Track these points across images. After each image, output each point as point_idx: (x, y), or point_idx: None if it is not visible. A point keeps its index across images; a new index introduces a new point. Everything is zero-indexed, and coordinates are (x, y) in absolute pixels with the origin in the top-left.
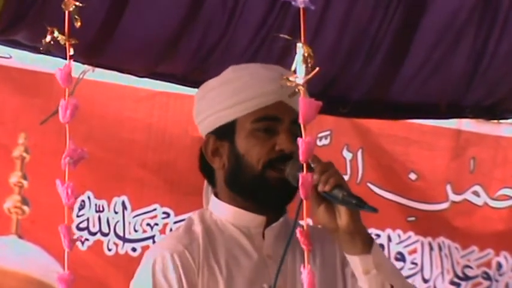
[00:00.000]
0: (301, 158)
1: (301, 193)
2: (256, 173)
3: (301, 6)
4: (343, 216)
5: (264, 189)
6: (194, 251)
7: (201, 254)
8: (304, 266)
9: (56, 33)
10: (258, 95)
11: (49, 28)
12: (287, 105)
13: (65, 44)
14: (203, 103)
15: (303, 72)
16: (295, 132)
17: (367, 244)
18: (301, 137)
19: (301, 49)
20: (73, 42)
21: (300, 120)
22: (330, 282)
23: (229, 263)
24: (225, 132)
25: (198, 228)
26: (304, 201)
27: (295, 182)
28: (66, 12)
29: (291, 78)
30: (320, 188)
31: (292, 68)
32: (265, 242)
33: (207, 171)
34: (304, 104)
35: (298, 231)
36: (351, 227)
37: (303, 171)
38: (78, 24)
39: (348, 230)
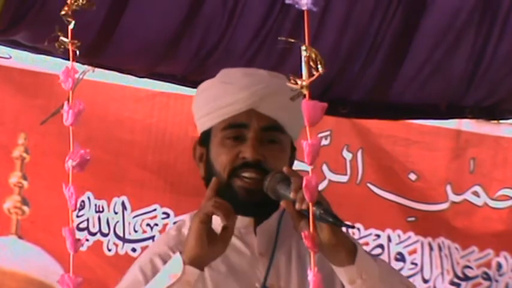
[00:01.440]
0: (306, 160)
1: (306, 197)
2: (223, 182)
3: (305, 8)
4: (324, 230)
5: (231, 198)
6: (180, 249)
7: None
8: (310, 268)
9: (61, 37)
10: (227, 104)
11: (60, 34)
12: (258, 113)
13: (67, 45)
14: (193, 107)
15: (305, 75)
16: (266, 138)
17: (351, 255)
18: (274, 142)
19: (305, 52)
20: (76, 44)
21: (306, 123)
22: (327, 280)
23: (217, 261)
24: (205, 139)
25: (187, 230)
26: (311, 205)
27: (273, 195)
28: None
29: (293, 81)
30: (297, 206)
31: (303, 74)
32: (257, 240)
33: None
34: (308, 107)
35: (303, 234)
36: (333, 240)
37: (281, 184)
38: (71, 26)
39: (330, 243)
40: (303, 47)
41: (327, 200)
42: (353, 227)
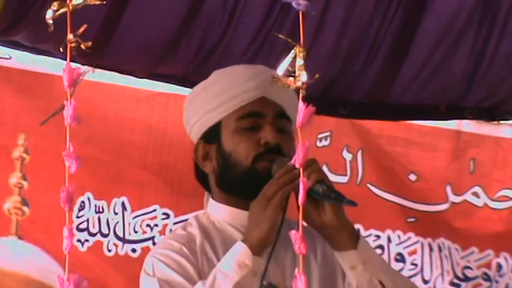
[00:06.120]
0: (297, 162)
1: (298, 199)
2: (246, 168)
3: (301, 10)
4: (327, 211)
5: (254, 181)
6: (191, 247)
7: (198, 249)
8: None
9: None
10: (240, 93)
11: (70, 37)
12: (270, 100)
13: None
14: (190, 109)
15: (304, 76)
16: (280, 126)
17: (353, 240)
18: (285, 131)
19: (300, 53)
20: (75, 45)
21: (297, 125)
22: (330, 278)
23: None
24: (212, 135)
25: (194, 229)
26: (301, 207)
27: None
28: (68, 13)
29: (290, 81)
30: None
31: (279, 69)
32: None
33: (201, 177)
34: (301, 109)
35: (291, 234)
36: (335, 222)
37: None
38: (51, 29)
39: (332, 225)
40: (296, 48)
41: (330, 181)
42: (355, 204)
